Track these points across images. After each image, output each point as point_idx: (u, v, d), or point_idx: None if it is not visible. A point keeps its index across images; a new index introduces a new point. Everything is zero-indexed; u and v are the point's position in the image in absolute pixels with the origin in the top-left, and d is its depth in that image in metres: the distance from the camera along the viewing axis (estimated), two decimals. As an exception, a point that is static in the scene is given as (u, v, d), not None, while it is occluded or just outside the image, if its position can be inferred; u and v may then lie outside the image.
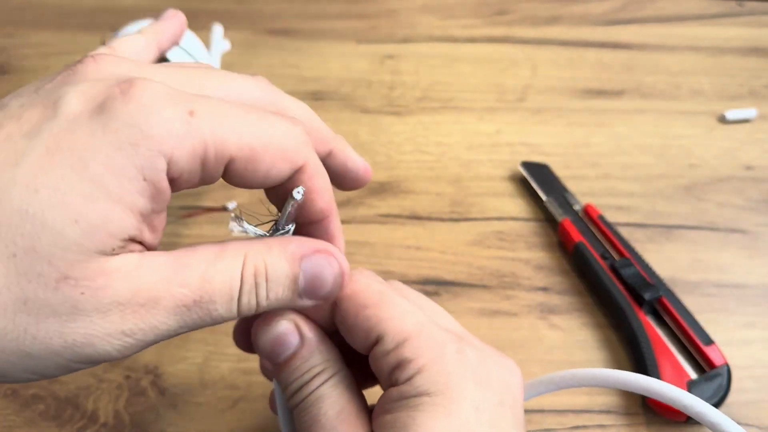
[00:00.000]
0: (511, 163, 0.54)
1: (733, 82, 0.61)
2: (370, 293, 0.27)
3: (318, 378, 0.26)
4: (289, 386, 0.27)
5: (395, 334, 0.25)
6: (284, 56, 0.64)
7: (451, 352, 0.25)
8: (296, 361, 0.26)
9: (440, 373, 0.25)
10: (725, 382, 0.39)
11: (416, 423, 0.24)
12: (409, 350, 0.25)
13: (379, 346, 0.26)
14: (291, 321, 0.27)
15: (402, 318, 0.26)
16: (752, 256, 0.48)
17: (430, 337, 0.26)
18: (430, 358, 0.25)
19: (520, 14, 0.69)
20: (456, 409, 0.24)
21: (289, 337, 0.27)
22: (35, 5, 0.70)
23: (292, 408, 0.27)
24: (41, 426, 0.39)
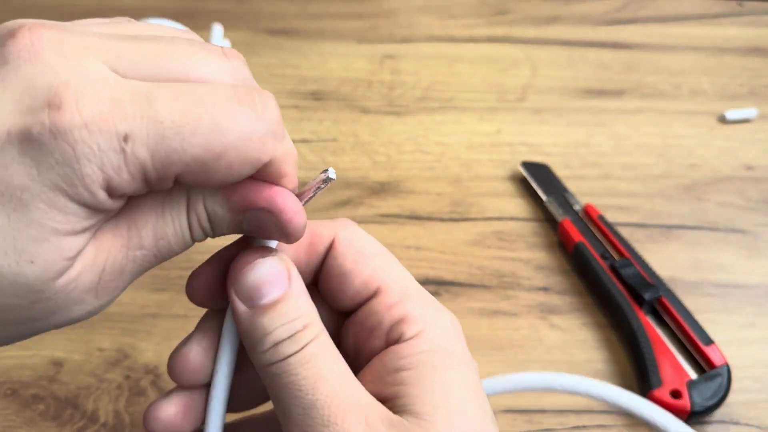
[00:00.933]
0: (511, 163, 0.54)
1: (733, 82, 0.61)
2: (372, 244, 0.26)
3: (310, 329, 0.23)
4: (273, 332, 0.23)
5: (399, 288, 0.25)
6: (284, 56, 0.64)
7: (447, 314, 0.26)
8: (285, 306, 0.23)
9: (445, 333, 0.25)
10: (725, 382, 0.39)
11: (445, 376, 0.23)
12: (414, 306, 0.25)
13: (379, 297, 0.25)
14: (282, 260, 0.24)
15: (402, 275, 0.26)
16: (752, 256, 0.48)
17: (428, 299, 0.26)
18: (433, 318, 0.25)
19: (520, 14, 0.69)
20: (465, 368, 0.24)
21: (279, 277, 0.24)
22: (35, 5, 0.70)
23: (276, 360, 0.23)
24: (41, 426, 0.39)
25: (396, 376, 0.23)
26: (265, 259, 0.24)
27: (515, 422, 0.39)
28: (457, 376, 0.23)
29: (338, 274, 0.26)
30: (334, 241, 0.26)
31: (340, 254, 0.26)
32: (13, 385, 0.41)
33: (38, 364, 0.42)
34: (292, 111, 0.59)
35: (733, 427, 0.39)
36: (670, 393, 0.39)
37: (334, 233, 0.26)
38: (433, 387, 0.23)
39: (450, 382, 0.23)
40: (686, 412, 0.38)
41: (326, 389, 0.22)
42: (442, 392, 0.23)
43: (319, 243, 0.26)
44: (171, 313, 0.45)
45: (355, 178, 0.53)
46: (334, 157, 0.55)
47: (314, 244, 0.26)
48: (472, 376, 0.24)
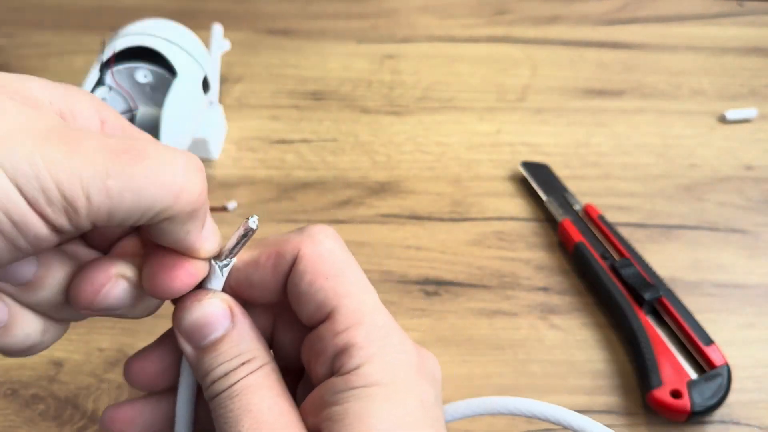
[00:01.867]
0: (511, 163, 0.54)
1: (733, 82, 0.61)
2: (333, 262, 0.25)
3: (248, 365, 0.24)
4: (212, 372, 0.24)
5: (349, 314, 0.24)
6: (284, 56, 0.64)
7: (398, 343, 0.24)
8: (224, 345, 0.24)
9: (389, 364, 0.23)
10: (725, 381, 0.39)
11: (371, 414, 0.22)
12: (361, 336, 0.23)
13: (329, 323, 0.24)
14: (223, 301, 0.25)
15: (359, 297, 0.24)
16: (752, 256, 0.48)
17: (381, 324, 0.24)
18: (380, 348, 0.24)
19: (520, 14, 0.69)
20: (405, 402, 0.23)
21: (220, 318, 0.24)
22: (35, 5, 0.70)
23: (212, 397, 0.24)
24: (41, 426, 0.39)
25: (327, 410, 0.23)
26: (205, 300, 0.25)
27: (515, 422, 0.39)
28: (387, 412, 0.22)
29: (296, 293, 0.25)
30: (296, 258, 0.25)
31: (298, 274, 0.25)
32: (13, 385, 0.41)
33: (38, 364, 0.42)
34: (292, 111, 0.59)
35: (733, 427, 0.39)
36: (671, 393, 0.39)
37: (298, 249, 0.25)
38: (357, 425, 0.22)
39: (376, 419, 0.22)
40: (686, 412, 0.38)
41: (249, 422, 0.23)
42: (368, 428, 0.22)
43: (282, 262, 0.25)
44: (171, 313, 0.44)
45: (355, 178, 0.53)
46: (334, 157, 0.55)
47: (278, 264, 0.25)
48: (412, 413, 0.23)
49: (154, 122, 0.48)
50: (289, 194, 0.52)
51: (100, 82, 0.47)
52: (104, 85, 0.48)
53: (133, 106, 0.49)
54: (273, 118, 0.58)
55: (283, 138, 0.56)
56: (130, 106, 0.49)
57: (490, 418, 0.39)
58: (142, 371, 0.27)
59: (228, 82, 0.61)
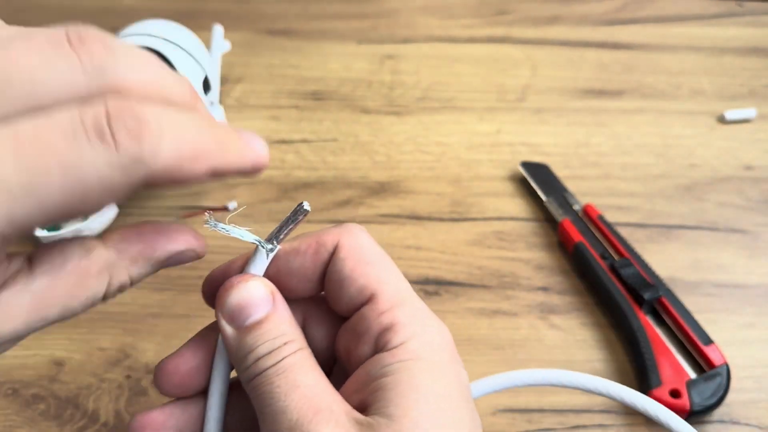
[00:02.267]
0: (511, 163, 0.54)
1: (733, 82, 0.61)
2: (372, 251, 0.27)
3: (291, 345, 0.25)
4: (256, 349, 0.25)
5: (391, 296, 0.26)
6: (284, 56, 0.64)
7: (436, 325, 0.26)
8: (267, 325, 0.25)
9: (430, 343, 0.25)
10: (725, 381, 0.39)
11: (419, 382, 0.23)
12: (403, 315, 0.25)
13: (371, 304, 0.25)
14: (266, 285, 0.26)
15: (397, 283, 0.26)
16: (752, 256, 0.48)
17: (420, 308, 0.26)
18: (421, 328, 0.25)
19: (520, 14, 0.69)
20: (447, 377, 0.25)
21: (264, 300, 0.26)
22: (36, 6, 0.70)
23: (256, 374, 0.25)
24: (42, 426, 0.40)
25: (376, 382, 0.24)
26: (249, 282, 0.26)
27: (515, 421, 0.40)
28: (434, 384, 0.24)
29: (338, 279, 0.26)
30: (337, 247, 0.27)
31: (340, 260, 0.26)
32: (13, 385, 0.41)
33: (39, 363, 0.42)
34: (293, 111, 0.59)
35: (733, 426, 0.40)
36: (670, 392, 0.39)
37: (338, 240, 0.27)
38: (408, 392, 0.23)
39: (425, 389, 0.23)
40: (686, 411, 0.38)
41: (297, 395, 0.24)
42: (416, 398, 0.23)
43: (323, 251, 0.27)
44: (172, 312, 0.45)
45: (355, 178, 0.53)
46: (334, 157, 0.55)
47: (319, 252, 0.27)
48: (452, 387, 0.24)
49: (155, 122, 0.48)
50: (290, 194, 0.52)
51: (101, 82, 0.47)
52: (105, 85, 0.48)
53: (134, 106, 0.49)
54: (273, 118, 0.58)
55: (283, 138, 0.57)
56: (130, 107, 0.49)
57: (491, 418, 0.40)
58: (176, 370, 0.27)
59: (228, 82, 0.61)
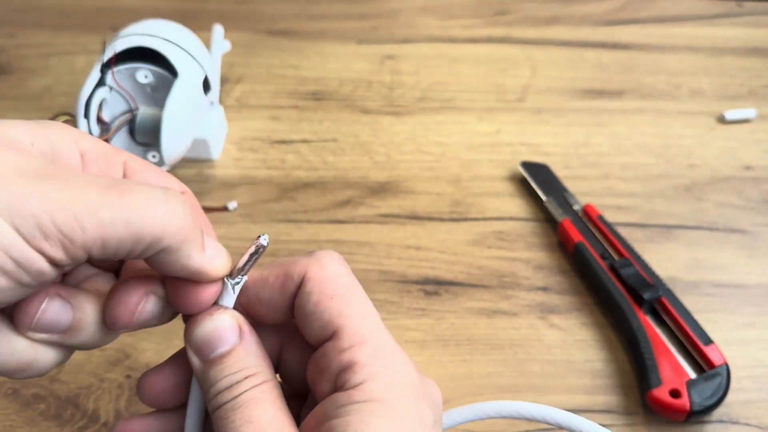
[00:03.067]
0: (511, 163, 0.54)
1: (732, 82, 0.62)
2: (338, 284, 0.26)
3: (251, 379, 0.25)
4: (216, 384, 0.25)
5: (353, 334, 0.25)
6: (284, 56, 0.64)
7: (400, 363, 0.25)
8: (230, 359, 0.25)
9: (391, 383, 0.24)
10: (724, 381, 0.40)
11: (370, 428, 0.23)
12: (364, 354, 0.24)
13: (333, 341, 0.25)
14: (233, 317, 0.26)
15: (362, 318, 0.25)
16: (751, 256, 0.48)
17: (384, 344, 0.25)
18: (382, 367, 0.24)
19: (520, 14, 0.69)
20: (405, 420, 0.24)
21: (228, 333, 0.26)
22: (36, 6, 0.70)
23: (215, 408, 0.25)
24: (42, 426, 0.40)
25: (329, 423, 0.24)
26: (216, 315, 0.26)
27: (514, 421, 0.40)
28: (386, 427, 0.23)
29: (302, 314, 0.26)
30: (303, 280, 0.26)
31: (305, 294, 0.26)
32: (14, 385, 0.41)
33: (39, 363, 0.42)
34: (292, 111, 0.59)
35: (732, 426, 0.40)
36: (670, 392, 0.39)
37: (305, 271, 0.26)
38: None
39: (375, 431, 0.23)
40: (685, 411, 0.38)
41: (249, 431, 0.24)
42: None
43: (290, 283, 0.26)
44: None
45: (355, 178, 0.53)
46: (334, 157, 0.55)
47: (286, 284, 0.26)
48: (408, 427, 0.24)
49: (155, 123, 0.48)
50: (290, 194, 0.52)
51: (101, 82, 0.47)
52: (105, 85, 0.48)
53: (134, 106, 0.49)
54: (273, 118, 0.58)
55: (283, 138, 0.57)
56: (130, 107, 0.49)
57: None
58: (155, 386, 0.28)
59: (228, 82, 0.61)
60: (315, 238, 0.49)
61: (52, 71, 0.63)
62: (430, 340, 0.43)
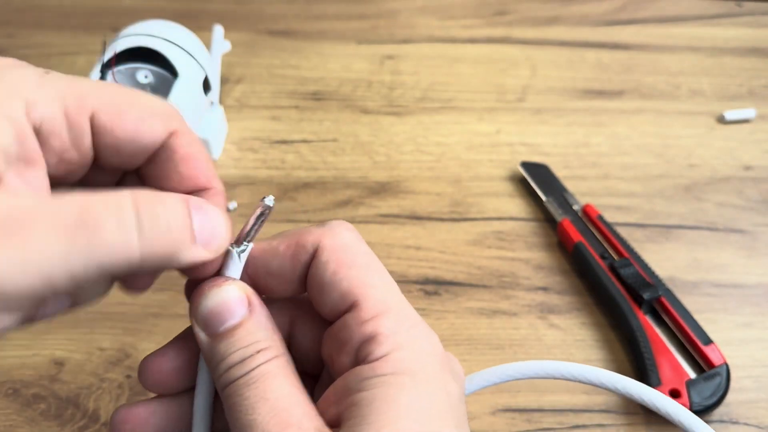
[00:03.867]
0: (511, 163, 0.54)
1: (732, 83, 0.62)
2: (356, 253, 0.25)
3: (264, 353, 0.23)
4: (226, 359, 0.23)
5: (375, 303, 0.23)
6: (284, 56, 0.65)
7: (425, 334, 0.24)
8: (240, 332, 0.24)
9: (417, 355, 0.23)
10: (724, 381, 0.40)
11: (399, 401, 0.22)
12: (388, 324, 0.23)
13: (354, 311, 0.24)
14: (241, 288, 0.25)
15: (384, 287, 0.24)
16: (751, 256, 0.48)
17: (408, 314, 0.24)
18: (408, 338, 0.23)
19: (520, 14, 0.69)
20: (433, 393, 0.23)
21: (237, 305, 0.24)
22: (36, 6, 0.70)
23: (226, 385, 0.23)
24: (42, 425, 0.40)
25: (352, 397, 0.22)
26: (223, 287, 0.24)
27: (514, 421, 0.40)
28: (416, 401, 0.22)
29: (318, 284, 0.24)
30: (318, 249, 0.25)
31: (321, 264, 0.24)
32: (14, 385, 0.41)
33: (39, 363, 0.42)
34: (293, 111, 0.59)
35: (732, 426, 0.40)
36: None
37: (319, 241, 0.25)
38: (385, 410, 0.21)
39: (405, 406, 0.22)
40: (685, 411, 0.38)
41: (265, 409, 0.22)
42: (393, 416, 0.21)
43: (302, 252, 0.25)
44: (172, 312, 0.45)
45: (355, 178, 0.53)
46: (334, 157, 0.55)
47: (298, 253, 0.25)
48: (437, 403, 0.22)
49: (155, 123, 0.48)
50: (290, 194, 0.52)
51: (101, 82, 0.47)
52: (105, 85, 0.48)
53: (134, 106, 0.49)
54: (273, 118, 0.58)
55: (283, 138, 0.57)
56: (130, 107, 0.49)
57: (490, 417, 0.40)
58: (159, 369, 0.26)
59: (229, 82, 0.61)
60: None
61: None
62: (430, 340, 0.43)
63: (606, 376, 0.30)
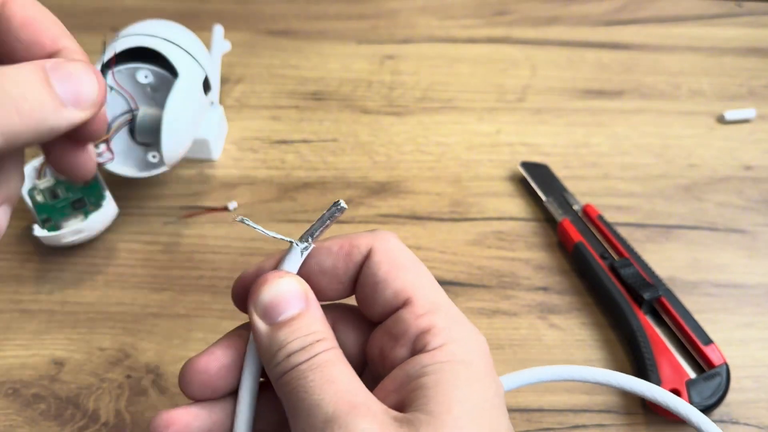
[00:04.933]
0: (511, 163, 0.54)
1: (732, 83, 0.62)
2: (406, 257, 0.27)
3: (323, 343, 0.25)
4: (287, 345, 0.24)
5: (428, 300, 0.26)
6: (284, 56, 0.65)
7: (474, 332, 0.26)
8: (300, 322, 0.25)
9: (470, 348, 0.25)
10: (724, 381, 0.40)
11: (460, 386, 0.23)
12: (441, 319, 0.25)
13: (408, 307, 0.25)
14: (300, 283, 0.26)
15: (434, 288, 0.26)
16: (751, 256, 0.48)
17: (457, 314, 0.26)
18: (459, 332, 0.25)
19: (520, 14, 0.69)
20: (486, 384, 0.24)
21: (296, 298, 0.25)
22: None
23: (287, 370, 0.24)
24: (42, 425, 0.40)
25: (416, 382, 0.24)
26: (283, 279, 0.26)
27: (514, 421, 0.40)
28: (474, 387, 0.24)
29: (372, 282, 0.26)
30: (371, 251, 0.27)
31: (375, 263, 0.26)
32: (14, 385, 0.41)
33: (39, 363, 0.42)
34: (293, 111, 0.59)
35: (732, 426, 0.40)
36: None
37: (372, 244, 0.27)
38: (449, 391, 0.23)
39: (466, 390, 0.23)
40: (685, 411, 0.38)
41: (332, 389, 0.23)
42: (457, 397, 0.23)
43: (356, 253, 0.27)
44: (172, 312, 0.45)
45: (355, 178, 0.53)
46: (334, 158, 0.55)
47: (352, 253, 0.27)
48: (491, 393, 0.24)
49: (155, 123, 0.48)
50: (290, 194, 0.52)
51: (101, 82, 0.47)
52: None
53: (134, 106, 0.49)
54: (273, 118, 0.58)
55: (283, 138, 0.57)
56: (131, 107, 0.49)
57: (489, 418, 0.40)
58: (205, 369, 0.27)
59: (229, 82, 0.61)
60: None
61: (52, 71, 0.63)
62: (430, 340, 0.44)
63: (626, 380, 0.32)
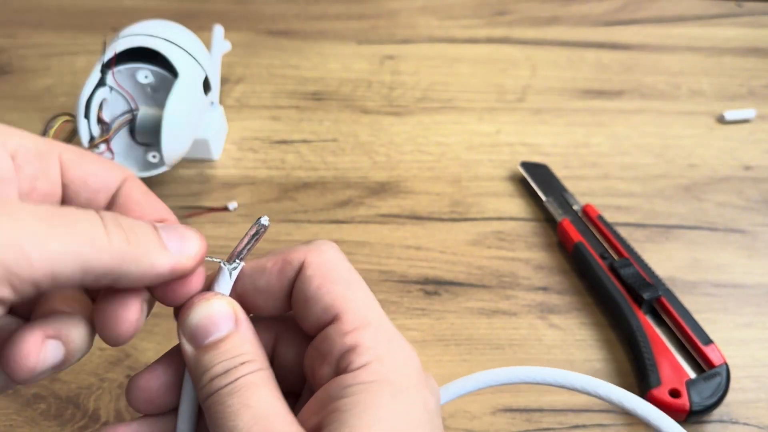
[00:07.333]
0: (511, 163, 0.54)
1: (732, 83, 0.62)
2: (339, 269, 0.26)
3: (248, 365, 0.24)
4: (211, 369, 0.24)
5: (356, 317, 0.25)
6: (284, 57, 0.65)
7: (404, 348, 0.25)
8: (225, 345, 0.25)
9: (396, 366, 0.24)
10: (724, 381, 0.40)
11: (379, 406, 0.23)
12: (369, 336, 0.24)
13: (336, 324, 0.25)
14: (229, 304, 0.26)
15: (365, 303, 0.25)
16: (751, 256, 0.48)
17: (387, 329, 0.25)
18: (387, 350, 0.24)
19: (520, 14, 0.69)
20: (411, 402, 0.24)
21: (224, 319, 0.25)
22: (36, 6, 0.70)
23: (210, 394, 0.24)
24: (42, 425, 0.40)
25: (334, 404, 0.23)
26: (211, 301, 0.25)
27: (514, 421, 0.40)
28: (395, 407, 0.23)
29: (303, 298, 0.26)
30: (303, 265, 0.26)
31: (306, 278, 0.26)
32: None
33: (40, 363, 0.42)
34: (293, 111, 0.59)
35: (732, 426, 0.40)
36: (669, 392, 0.39)
37: (304, 257, 0.26)
38: (364, 414, 0.22)
39: (384, 411, 0.23)
40: (685, 411, 0.38)
41: (248, 416, 0.23)
42: (372, 420, 0.22)
43: (289, 268, 0.26)
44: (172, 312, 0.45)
45: (355, 178, 0.53)
46: (334, 158, 0.55)
47: (285, 270, 0.26)
48: (415, 411, 0.23)
49: (156, 123, 0.48)
50: (290, 194, 0.52)
51: (102, 82, 0.48)
52: (105, 85, 0.48)
53: (134, 106, 0.49)
54: (273, 118, 0.58)
55: (283, 138, 0.57)
56: (131, 107, 0.49)
57: (490, 417, 0.40)
58: (147, 386, 0.27)
59: (229, 82, 0.61)
60: (315, 238, 0.49)
61: (52, 71, 0.63)
62: (430, 340, 0.44)
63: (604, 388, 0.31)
